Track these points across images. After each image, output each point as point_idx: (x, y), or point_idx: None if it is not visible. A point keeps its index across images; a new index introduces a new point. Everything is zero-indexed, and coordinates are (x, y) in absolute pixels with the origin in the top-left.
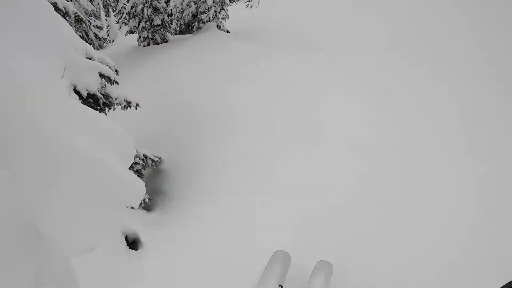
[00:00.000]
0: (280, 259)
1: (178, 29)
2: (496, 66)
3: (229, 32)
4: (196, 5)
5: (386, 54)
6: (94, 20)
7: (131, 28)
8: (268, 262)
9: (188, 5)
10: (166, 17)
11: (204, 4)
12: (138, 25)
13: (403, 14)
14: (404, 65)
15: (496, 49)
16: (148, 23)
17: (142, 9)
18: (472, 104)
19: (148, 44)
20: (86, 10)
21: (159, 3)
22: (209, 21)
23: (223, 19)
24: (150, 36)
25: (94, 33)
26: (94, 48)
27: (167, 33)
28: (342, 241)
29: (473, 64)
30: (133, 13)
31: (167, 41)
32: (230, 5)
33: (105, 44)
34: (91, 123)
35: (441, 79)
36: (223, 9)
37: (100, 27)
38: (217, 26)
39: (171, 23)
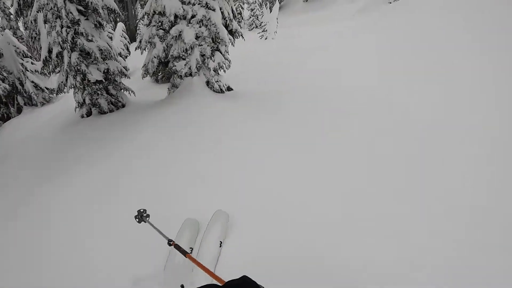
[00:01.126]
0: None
1: (161, 75)
2: None
3: (231, 89)
4: (164, 44)
5: None
6: (33, 63)
7: (59, 85)
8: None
9: (149, 42)
10: (116, 66)
11: (179, 42)
12: (66, 81)
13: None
14: None
15: None
16: (79, 78)
17: (59, 54)
18: None
19: (89, 114)
20: (17, 48)
21: (90, 41)
22: (191, 74)
23: (221, 68)
24: (87, 101)
25: (32, 81)
26: (37, 103)
27: (122, 91)
28: None
29: None
30: (56, 62)
31: (123, 106)
32: (233, 44)
33: (54, 96)
34: None
35: None
36: (219, 51)
37: (45, 73)
38: (207, 82)
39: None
